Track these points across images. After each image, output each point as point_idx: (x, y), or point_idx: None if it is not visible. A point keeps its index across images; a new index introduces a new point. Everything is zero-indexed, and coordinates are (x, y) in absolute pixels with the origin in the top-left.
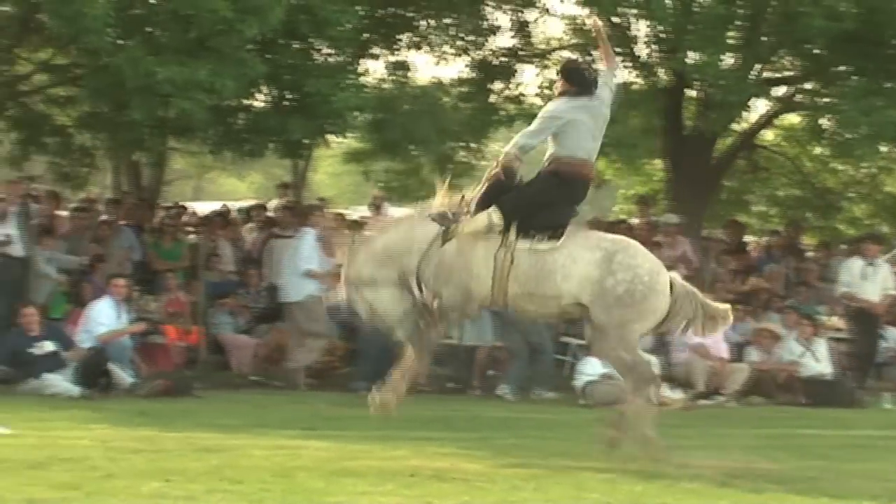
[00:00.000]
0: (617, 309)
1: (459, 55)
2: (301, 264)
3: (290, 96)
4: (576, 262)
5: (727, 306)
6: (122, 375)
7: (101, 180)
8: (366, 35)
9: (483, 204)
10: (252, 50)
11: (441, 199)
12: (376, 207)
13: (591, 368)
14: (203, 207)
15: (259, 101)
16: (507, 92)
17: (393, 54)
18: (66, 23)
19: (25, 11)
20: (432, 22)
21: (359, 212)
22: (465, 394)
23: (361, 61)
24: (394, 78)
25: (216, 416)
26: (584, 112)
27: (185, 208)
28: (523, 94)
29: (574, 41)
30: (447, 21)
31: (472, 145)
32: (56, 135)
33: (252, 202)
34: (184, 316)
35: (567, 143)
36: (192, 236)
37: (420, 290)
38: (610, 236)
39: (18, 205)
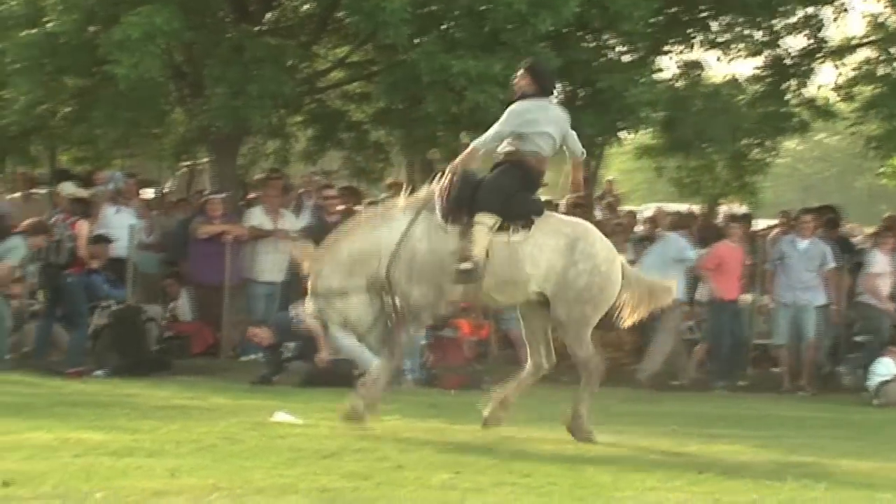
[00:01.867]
0: (577, 305)
1: (754, 55)
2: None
3: (583, 91)
4: (542, 251)
5: (670, 283)
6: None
7: (394, 175)
8: (658, 34)
9: (455, 201)
10: (545, 44)
11: (405, 198)
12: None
13: (885, 368)
14: None
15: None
16: (801, 91)
17: (688, 51)
18: (364, 18)
19: (325, 9)
20: (725, 18)
21: (650, 209)
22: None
23: (654, 58)
24: (686, 76)
25: None
26: (544, 112)
27: None
28: (816, 96)
29: (874, 37)
30: (740, 20)
31: (767, 143)
32: (351, 130)
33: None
34: (476, 311)
35: (535, 141)
36: None
37: (390, 292)
38: (567, 219)
39: (315, 199)
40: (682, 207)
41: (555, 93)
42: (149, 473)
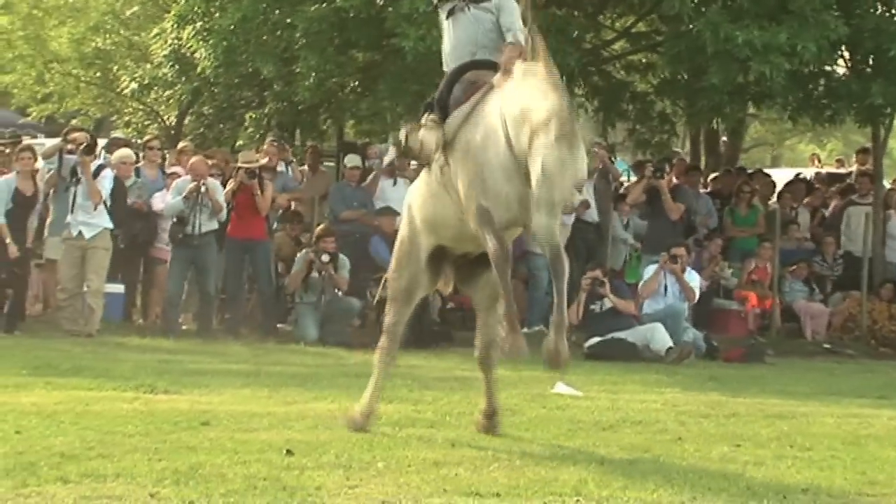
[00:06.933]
0: None
1: None
2: None
3: (872, 60)
4: None
5: None
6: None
7: (679, 147)
8: None
9: None
10: (834, 12)
11: None
12: None
13: None
14: (781, 175)
15: (839, 65)
16: None
17: None
18: None
19: None
20: None
21: None
22: None
23: None
24: None
25: (787, 383)
26: None
27: (766, 175)
28: None
29: None
30: None
31: None
32: (636, 101)
33: (830, 170)
34: (764, 284)
35: None
36: (769, 203)
37: None
38: None
39: (597, 171)
40: None
41: None
42: (429, 443)
